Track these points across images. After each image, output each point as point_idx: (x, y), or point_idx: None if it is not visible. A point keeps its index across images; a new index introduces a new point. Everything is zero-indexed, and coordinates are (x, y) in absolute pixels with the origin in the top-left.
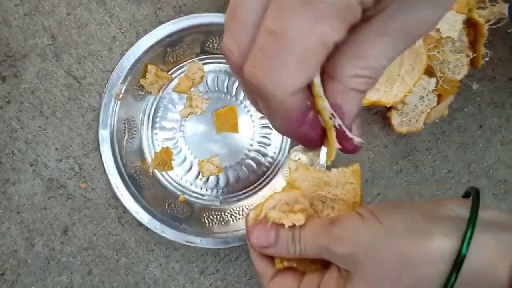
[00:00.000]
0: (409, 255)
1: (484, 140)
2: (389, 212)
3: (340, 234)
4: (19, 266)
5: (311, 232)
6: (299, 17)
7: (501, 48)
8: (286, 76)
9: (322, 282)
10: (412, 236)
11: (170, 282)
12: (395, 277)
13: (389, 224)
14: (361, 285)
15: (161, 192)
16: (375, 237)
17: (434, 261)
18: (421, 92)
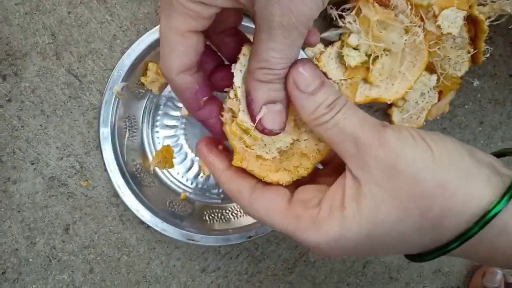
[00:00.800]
0: (451, 188)
1: (485, 137)
2: (439, 141)
3: (390, 141)
4: (20, 265)
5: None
6: (163, 20)
7: (502, 45)
8: (167, 61)
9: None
10: (458, 172)
11: (171, 280)
12: (427, 204)
13: (438, 154)
14: (385, 200)
15: (162, 190)
16: (422, 160)
17: (471, 203)
18: (422, 88)
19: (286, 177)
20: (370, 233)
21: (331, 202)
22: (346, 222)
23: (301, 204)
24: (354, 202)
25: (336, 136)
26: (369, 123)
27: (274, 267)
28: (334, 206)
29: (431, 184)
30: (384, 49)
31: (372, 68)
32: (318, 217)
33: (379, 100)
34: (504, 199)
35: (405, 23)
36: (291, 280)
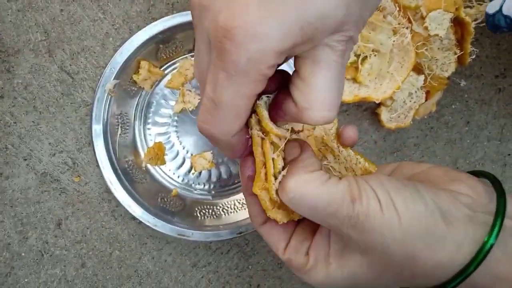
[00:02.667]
0: (419, 259)
1: (471, 136)
2: (409, 203)
3: (359, 217)
4: (12, 259)
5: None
6: (229, 86)
7: (488, 46)
8: (227, 126)
9: (312, 246)
10: (427, 242)
11: (162, 274)
12: (399, 271)
13: (407, 222)
14: (361, 265)
15: (154, 186)
16: (391, 235)
17: (443, 267)
18: (409, 88)
19: (283, 217)
20: (349, 284)
21: (317, 255)
22: (330, 276)
23: (293, 250)
24: (337, 261)
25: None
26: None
27: (264, 262)
28: (319, 260)
29: (399, 257)
30: (373, 49)
31: (361, 68)
32: (306, 267)
33: (368, 99)
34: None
35: (393, 24)
36: (281, 275)
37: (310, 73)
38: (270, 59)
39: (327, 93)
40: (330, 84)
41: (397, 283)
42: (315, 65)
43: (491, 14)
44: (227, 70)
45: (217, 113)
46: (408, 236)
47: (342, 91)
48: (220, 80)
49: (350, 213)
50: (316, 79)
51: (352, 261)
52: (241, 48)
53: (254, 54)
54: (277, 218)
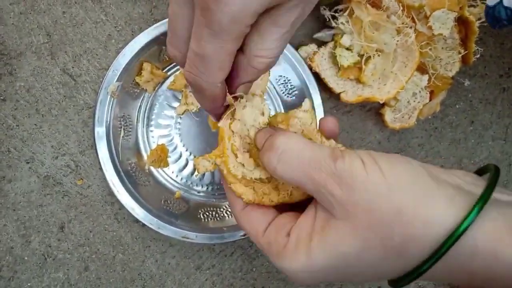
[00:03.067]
0: (407, 213)
1: (475, 136)
2: (394, 164)
3: (342, 175)
4: (15, 263)
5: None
6: (213, 40)
7: (492, 46)
8: (212, 77)
9: (294, 227)
10: (414, 194)
11: (166, 277)
12: (387, 233)
13: (391, 177)
14: (347, 232)
15: (157, 188)
16: (375, 189)
17: (432, 226)
18: (413, 88)
19: (249, 194)
20: (334, 264)
21: (299, 233)
22: (311, 255)
23: (274, 231)
24: (319, 236)
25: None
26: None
27: (268, 265)
28: (301, 238)
29: (386, 212)
30: (377, 49)
31: (364, 68)
32: (285, 248)
33: (372, 99)
34: (468, 219)
35: (397, 24)
36: (285, 278)
37: (268, 31)
38: (250, 19)
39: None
40: (281, 42)
41: (386, 258)
42: (274, 25)
43: (491, 6)
44: (211, 28)
45: (203, 65)
46: (393, 190)
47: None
48: (204, 36)
49: (332, 169)
50: (272, 36)
51: (336, 230)
52: (225, 8)
53: (237, 13)
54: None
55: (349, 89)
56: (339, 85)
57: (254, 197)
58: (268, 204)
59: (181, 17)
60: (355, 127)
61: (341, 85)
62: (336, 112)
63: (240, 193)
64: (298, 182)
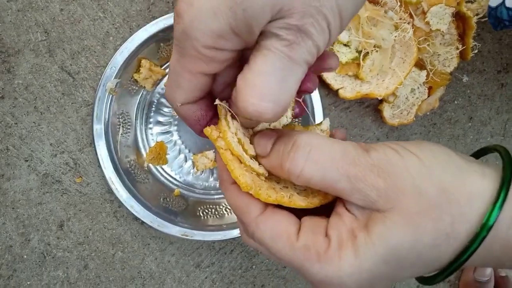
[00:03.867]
0: (450, 191)
1: (474, 132)
2: (423, 147)
3: (381, 164)
4: (14, 261)
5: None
6: (175, 54)
7: (490, 41)
8: (171, 92)
9: (330, 226)
10: (451, 172)
11: (165, 275)
12: (437, 214)
13: (428, 161)
14: (396, 221)
15: (156, 186)
16: (418, 173)
17: (474, 199)
18: (412, 84)
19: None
20: (386, 259)
21: (339, 234)
22: (359, 254)
23: (310, 234)
24: (365, 232)
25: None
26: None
27: (267, 262)
28: (343, 238)
29: (433, 193)
30: (375, 45)
31: (362, 64)
32: (329, 250)
33: (370, 95)
34: (502, 192)
35: (394, 19)
36: (285, 275)
37: (252, 57)
38: (204, 38)
39: (264, 79)
40: (270, 71)
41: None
42: (258, 50)
43: (493, 7)
44: (176, 42)
45: (172, 81)
46: (433, 169)
47: (288, 88)
48: (174, 54)
49: (368, 161)
50: (255, 63)
51: (382, 225)
52: (179, 19)
53: (187, 28)
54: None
55: (347, 85)
56: (337, 82)
57: (251, 185)
58: (264, 200)
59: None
60: (353, 123)
61: (339, 81)
62: (334, 108)
63: (237, 175)
64: (329, 181)
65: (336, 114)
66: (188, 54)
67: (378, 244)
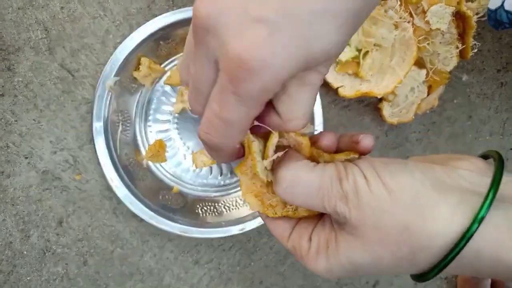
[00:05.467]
0: (413, 228)
1: (473, 131)
2: (396, 176)
3: (348, 195)
4: (14, 257)
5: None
6: (240, 111)
7: (490, 40)
8: (233, 140)
9: (314, 231)
10: (418, 208)
11: (164, 272)
12: (394, 247)
13: (395, 193)
14: (357, 246)
15: (155, 183)
16: (380, 207)
17: (437, 238)
18: (411, 83)
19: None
20: (350, 269)
21: (318, 239)
22: (330, 260)
23: (297, 237)
24: (334, 245)
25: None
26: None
27: (266, 259)
28: (320, 245)
29: (392, 228)
30: (374, 44)
31: (362, 63)
32: (309, 253)
33: (369, 94)
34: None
35: (394, 18)
36: (283, 272)
37: (297, 92)
38: (278, 87)
39: (307, 108)
40: (311, 101)
41: (398, 265)
42: (303, 86)
43: (493, 9)
44: (239, 95)
45: (224, 129)
46: (397, 205)
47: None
48: (230, 102)
49: (339, 191)
50: (302, 98)
51: (347, 244)
52: (256, 78)
53: (267, 83)
54: (250, 202)
55: (347, 83)
56: (337, 80)
57: (259, 208)
58: (272, 216)
59: (206, 78)
60: (353, 122)
61: (339, 79)
62: (334, 107)
63: (249, 203)
64: (310, 207)
65: (335, 113)
66: (260, 104)
67: (343, 258)
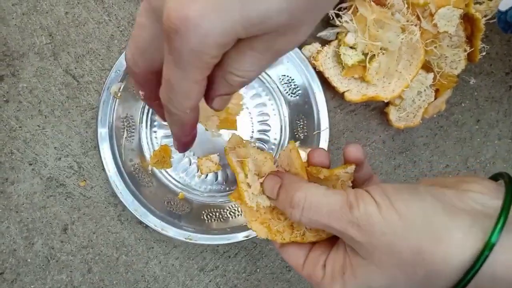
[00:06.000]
0: (426, 252)
1: (481, 135)
2: (408, 201)
3: (360, 222)
4: (18, 265)
5: (321, 211)
6: (177, 73)
7: (498, 43)
8: (178, 104)
9: (328, 258)
10: (430, 233)
11: (170, 279)
12: (410, 271)
13: (407, 218)
14: (373, 270)
15: (160, 189)
16: (393, 232)
17: (451, 261)
18: (418, 87)
19: (262, 232)
20: None
21: (333, 266)
22: (346, 285)
23: (311, 265)
24: (351, 270)
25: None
26: (334, 211)
27: (272, 266)
28: (335, 271)
29: (406, 252)
30: (381, 48)
31: (369, 67)
32: (323, 280)
33: (376, 98)
34: (482, 256)
35: (401, 22)
36: (289, 279)
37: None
38: (212, 51)
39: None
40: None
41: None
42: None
43: (503, 11)
44: (174, 56)
45: (170, 91)
46: (410, 230)
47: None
48: (169, 63)
49: (350, 218)
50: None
51: (363, 268)
52: (183, 40)
53: (196, 46)
54: (257, 230)
55: (353, 88)
56: (343, 84)
57: (267, 235)
58: (281, 242)
59: (148, 31)
60: (359, 126)
61: (345, 84)
62: (340, 111)
63: (255, 231)
64: (322, 228)
65: (341, 117)
66: (197, 67)
67: (360, 282)
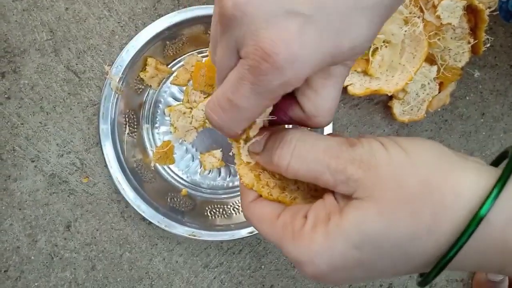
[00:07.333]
0: (436, 184)
1: (486, 128)
2: (415, 143)
3: (363, 157)
4: (22, 263)
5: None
6: (250, 99)
7: (503, 35)
8: (238, 126)
9: (312, 209)
10: (439, 167)
11: (174, 276)
12: (416, 206)
13: (415, 155)
14: (369, 208)
15: (163, 186)
16: (398, 163)
17: (464, 195)
18: (422, 80)
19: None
20: (358, 244)
21: (317, 214)
22: (330, 233)
23: (289, 214)
24: (339, 215)
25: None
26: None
27: (276, 262)
28: (319, 219)
29: (413, 185)
30: (384, 40)
31: (371, 60)
32: (302, 229)
33: (380, 92)
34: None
35: (404, 14)
36: (294, 275)
37: (322, 86)
38: (299, 82)
39: (333, 103)
40: (336, 95)
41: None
42: (328, 79)
43: (504, 0)
44: (256, 85)
45: (231, 113)
46: (419, 163)
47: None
48: (244, 89)
49: (351, 155)
50: (327, 91)
51: (356, 210)
52: (278, 72)
53: (289, 79)
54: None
55: (356, 81)
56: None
57: (253, 183)
58: (265, 197)
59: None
60: (363, 120)
61: (348, 77)
62: (343, 105)
63: (241, 175)
64: (314, 174)
65: (345, 112)
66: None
67: (349, 228)
